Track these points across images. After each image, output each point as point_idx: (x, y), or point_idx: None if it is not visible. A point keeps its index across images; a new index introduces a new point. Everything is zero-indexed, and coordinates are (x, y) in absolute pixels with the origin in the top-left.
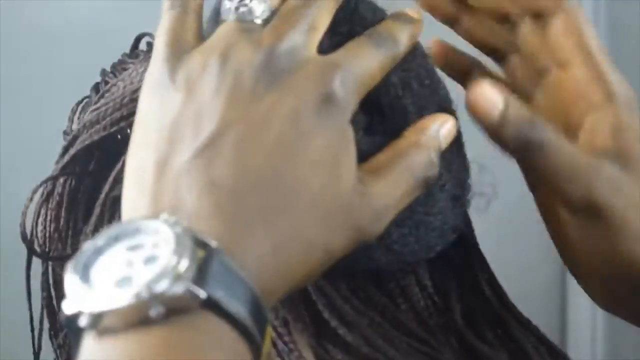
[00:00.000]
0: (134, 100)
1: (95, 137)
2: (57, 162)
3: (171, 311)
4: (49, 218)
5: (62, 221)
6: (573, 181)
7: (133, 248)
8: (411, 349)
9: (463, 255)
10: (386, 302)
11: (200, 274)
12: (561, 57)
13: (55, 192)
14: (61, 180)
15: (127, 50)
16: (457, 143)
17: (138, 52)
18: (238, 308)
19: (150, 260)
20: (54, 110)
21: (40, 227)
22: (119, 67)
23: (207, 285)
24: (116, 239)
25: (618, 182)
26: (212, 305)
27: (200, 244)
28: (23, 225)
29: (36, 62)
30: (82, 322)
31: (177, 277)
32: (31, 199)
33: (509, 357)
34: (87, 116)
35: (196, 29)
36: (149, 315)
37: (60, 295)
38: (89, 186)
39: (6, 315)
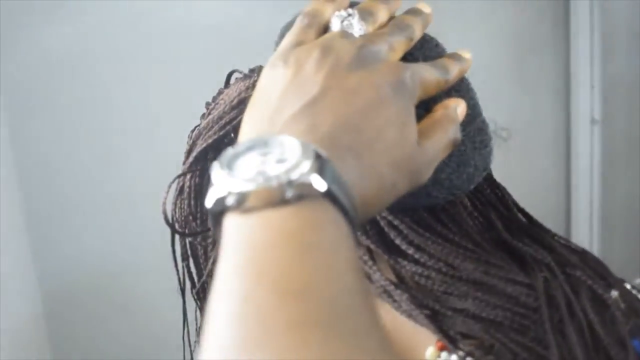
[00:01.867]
0: (233, 109)
1: (209, 141)
2: (184, 163)
3: (301, 196)
4: (183, 206)
5: (192, 207)
6: None
7: (265, 154)
8: (465, 257)
9: (492, 188)
10: (441, 228)
11: (319, 172)
12: None
13: (185, 186)
14: (188, 176)
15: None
16: (471, 115)
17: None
18: (347, 203)
19: (280, 161)
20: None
21: (177, 213)
22: (221, 91)
23: (326, 180)
24: (250, 148)
25: None
26: (329, 196)
27: (317, 155)
28: (165, 213)
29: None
30: (229, 201)
31: (303, 172)
32: (167, 192)
33: (545, 252)
34: (202, 125)
35: (313, 38)
36: (286, 196)
37: (198, 263)
38: (209, 179)
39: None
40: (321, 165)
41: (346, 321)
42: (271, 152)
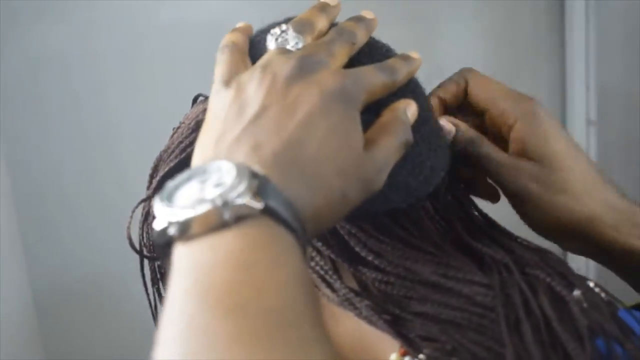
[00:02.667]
0: (192, 131)
1: (171, 164)
2: (148, 187)
3: (240, 217)
4: (150, 230)
5: None
6: (503, 177)
7: (203, 181)
8: (425, 260)
9: (453, 191)
10: (402, 232)
11: (258, 191)
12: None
13: (151, 211)
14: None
15: None
16: (424, 117)
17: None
18: (289, 217)
19: (218, 185)
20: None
21: (145, 238)
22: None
23: (264, 198)
24: (189, 177)
25: (534, 173)
26: (270, 213)
27: (254, 175)
28: (130, 238)
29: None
30: (172, 231)
31: (240, 192)
32: (131, 216)
33: (503, 252)
34: (163, 149)
35: (243, 63)
36: (224, 218)
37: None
38: None
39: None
40: (259, 184)
41: (288, 333)
42: (209, 179)
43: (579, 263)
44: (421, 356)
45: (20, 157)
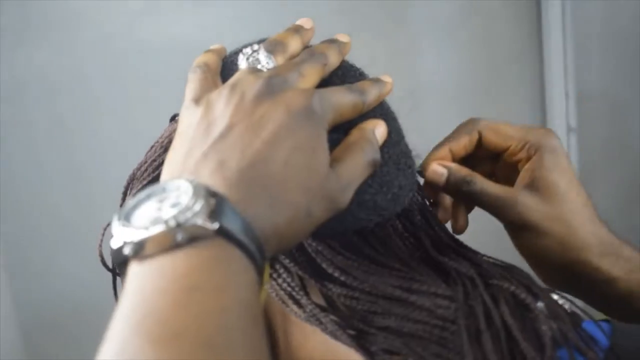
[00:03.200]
0: (165, 150)
1: (144, 182)
2: (121, 205)
3: (193, 238)
4: None
5: None
6: (500, 209)
7: (161, 200)
8: (391, 276)
9: (422, 210)
10: (370, 250)
11: (214, 211)
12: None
13: None
14: None
15: None
16: (395, 140)
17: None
18: (244, 238)
19: (174, 205)
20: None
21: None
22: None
23: (219, 219)
24: (148, 196)
25: (531, 204)
26: (224, 233)
27: (212, 194)
28: (101, 255)
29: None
30: (127, 250)
31: (195, 213)
32: (103, 234)
33: (469, 265)
34: (136, 167)
35: (214, 83)
36: (177, 239)
37: None
38: None
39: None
40: (216, 203)
41: (219, 359)
42: (167, 198)
43: None
44: None
45: (6, 180)
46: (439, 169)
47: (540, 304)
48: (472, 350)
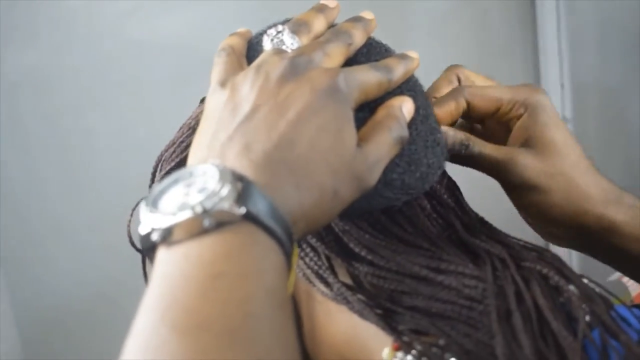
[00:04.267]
0: (193, 132)
1: (172, 164)
2: (150, 186)
3: (220, 223)
4: None
5: None
6: (500, 171)
7: (189, 185)
8: (418, 255)
9: (449, 191)
10: (397, 229)
11: (240, 196)
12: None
13: None
14: None
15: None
16: (423, 115)
17: None
18: (271, 222)
19: (201, 190)
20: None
21: None
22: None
23: (246, 203)
24: (176, 181)
25: (531, 162)
26: (251, 218)
27: (238, 178)
28: (130, 236)
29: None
30: (154, 237)
31: (222, 198)
32: (132, 215)
33: (500, 247)
34: (164, 148)
35: (239, 65)
36: (204, 225)
37: None
38: None
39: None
40: (242, 187)
41: (242, 350)
42: (194, 183)
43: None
44: (414, 352)
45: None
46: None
47: (572, 287)
48: (502, 329)
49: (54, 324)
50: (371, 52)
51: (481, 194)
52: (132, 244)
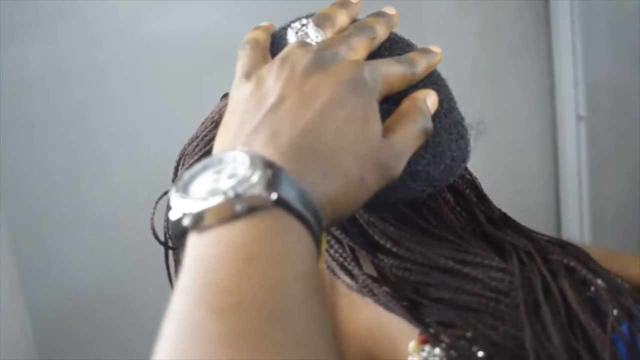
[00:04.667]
0: (217, 126)
1: (195, 157)
2: (173, 180)
3: (251, 208)
4: None
5: None
6: None
7: (218, 171)
8: (443, 247)
9: (470, 187)
10: (422, 222)
11: (271, 182)
12: None
13: None
14: None
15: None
16: (446, 108)
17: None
18: (301, 208)
19: (232, 176)
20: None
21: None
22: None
23: (277, 189)
24: (205, 167)
25: None
26: (282, 203)
27: (268, 164)
28: (153, 229)
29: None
30: (186, 222)
31: (253, 183)
32: (155, 208)
33: (526, 241)
34: (187, 143)
35: (263, 58)
36: (236, 210)
37: None
38: None
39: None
40: (272, 174)
41: (281, 331)
42: (225, 169)
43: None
44: (442, 345)
45: (11, 180)
46: None
47: (599, 281)
48: (530, 322)
49: (67, 319)
50: (394, 47)
51: (488, 192)
52: (155, 237)
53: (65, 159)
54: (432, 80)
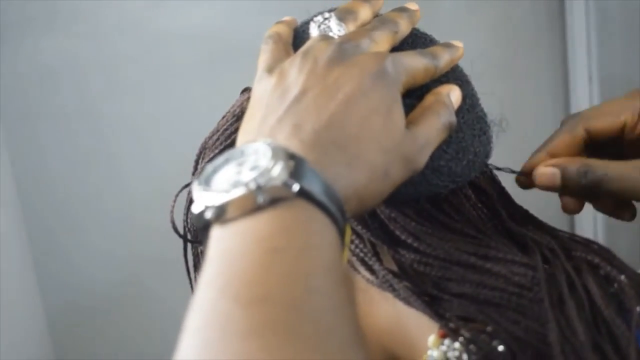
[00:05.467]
0: (237, 119)
1: (216, 151)
2: (193, 173)
3: (274, 199)
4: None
5: None
6: (629, 189)
7: (240, 164)
8: (465, 243)
9: (492, 184)
10: (443, 217)
11: (293, 173)
12: None
13: None
14: None
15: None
16: (469, 104)
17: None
18: (324, 199)
19: (254, 167)
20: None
21: (190, 223)
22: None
23: (299, 180)
24: (227, 160)
25: None
26: (305, 195)
27: (290, 156)
28: (173, 222)
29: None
30: (208, 215)
31: (275, 175)
32: (174, 201)
33: (549, 237)
34: (208, 135)
35: (286, 52)
36: (258, 202)
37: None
38: None
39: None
40: (295, 165)
41: (308, 324)
42: (247, 161)
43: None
44: (461, 339)
45: (27, 170)
46: (548, 171)
47: (623, 277)
48: (555, 316)
49: (83, 318)
50: (416, 42)
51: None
52: (175, 230)
53: (77, 156)
54: (456, 75)
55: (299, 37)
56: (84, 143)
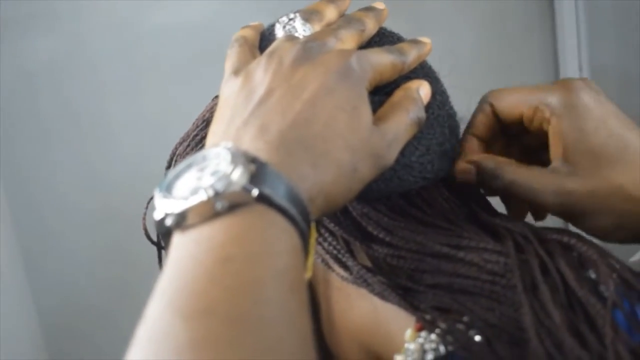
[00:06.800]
0: (207, 125)
1: (187, 156)
2: None
3: (233, 205)
4: None
5: None
6: (539, 201)
7: (202, 169)
8: (438, 234)
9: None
10: (416, 211)
11: (253, 178)
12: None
13: None
14: None
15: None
16: (440, 101)
17: None
18: (285, 202)
19: (214, 173)
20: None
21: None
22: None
23: (259, 185)
24: (189, 165)
25: (573, 186)
26: (264, 199)
27: (251, 160)
28: (146, 229)
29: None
30: (169, 222)
31: (234, 180)
32: (147, 208)
33: (522, 225)
34: (179, 142)
35: (252, 54)
36: (217, 208)
37: None
38: None
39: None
40: (256, 169)
41: (252, 336)
42: (208, 166)
43: None
44: (437, 330)
45: (16, 172)
46: (465, 167)
47: (597, 255)
48: (529, 300)
49: (75, 317)
50: (384, 41)
51: None
52: (148, 237)
53: (65, 156)
54: (425, 72)
55: (265, 39)
56: (72, 143)
